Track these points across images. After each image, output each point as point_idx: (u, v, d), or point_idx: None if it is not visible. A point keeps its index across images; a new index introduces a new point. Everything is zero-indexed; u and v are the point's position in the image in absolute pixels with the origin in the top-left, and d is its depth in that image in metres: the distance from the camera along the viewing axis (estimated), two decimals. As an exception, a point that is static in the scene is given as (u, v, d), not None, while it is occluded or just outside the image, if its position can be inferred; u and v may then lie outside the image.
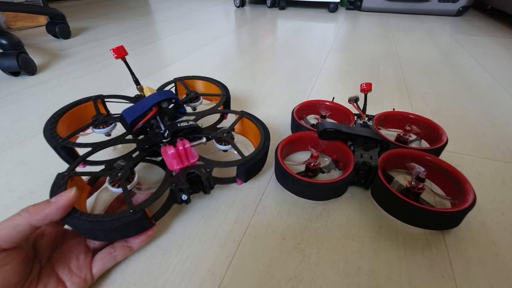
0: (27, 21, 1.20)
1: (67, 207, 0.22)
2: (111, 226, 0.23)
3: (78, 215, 0.23)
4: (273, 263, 0.27)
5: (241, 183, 0.33)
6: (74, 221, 0.22)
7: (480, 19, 1.37)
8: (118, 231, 0.24)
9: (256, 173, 0.35)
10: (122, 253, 0.26)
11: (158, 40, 1.04)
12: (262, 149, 0.33)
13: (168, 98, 0.30)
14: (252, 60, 0.82)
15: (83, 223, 0.22)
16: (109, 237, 0.25)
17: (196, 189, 0.31)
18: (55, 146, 0.30)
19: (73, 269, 0.23)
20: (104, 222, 0.23)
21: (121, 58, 0.37)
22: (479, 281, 0.26)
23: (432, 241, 0.29)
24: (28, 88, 0.64)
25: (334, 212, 0.33)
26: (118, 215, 0.23)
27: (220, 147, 0.34)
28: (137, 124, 0.29)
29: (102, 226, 0.22)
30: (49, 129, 0.31)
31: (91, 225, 0.22)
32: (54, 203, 0.22)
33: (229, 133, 0.35)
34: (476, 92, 0.62)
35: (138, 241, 0.27)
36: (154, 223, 0.27)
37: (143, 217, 0.24)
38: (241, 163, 0.31)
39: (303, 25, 1.25)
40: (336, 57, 0.85)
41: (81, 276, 0.23)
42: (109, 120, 0.35)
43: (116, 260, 0.26)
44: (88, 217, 0.23)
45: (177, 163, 0.29)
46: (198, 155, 0.30)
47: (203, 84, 0.48)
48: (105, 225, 0.23)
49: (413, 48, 0.94)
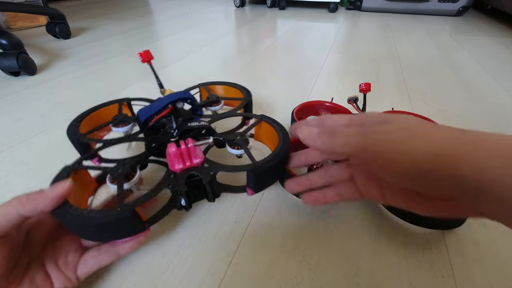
0: (27, 21, 1.20)
1: (59, 198, 0.21)
2: (94, 223, 0.21)
3: (67, 207, 0.21)
4: (273, 263, 0.27)
5: (251, 193, 0.29)
6: (61, 214, 0.21)
7: (480, 19, 1.37)
8: (102, 229, 0.22)
9: (269, 183, 0.30)
10: (106, 258, 0.24)
11: (158, 40, 1.04)
12: (277, 155, 0.28)
13: (183, 97, 0.29)
14: (252, 60, 0.82)
15: (68, 216, 0.21)
16: (95, 236, 0.23)
17: (198, 195, 0.29)
18: (73, 140, 0.31)
19: (60, 266, 0.23)
20: (88, 218, 0.21)
21: (147, 62, 0.37)
22: (479, 281, 0.26)
23: (432, 241, 0.29)
24: (28, 88, 0.64)
25: (334, 212, 0.33)
26: (104, 212, 0.22)
27: (232, 151, 0.30)
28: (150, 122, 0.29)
29: (85, 222, 0.21)
30: (73, 126, 0.32)
31: (75, 219, 0.21)
32: (46, 193, 0.21)
33: (243, 136, 0.31)
34: (476, 92, 0.62)
35: (126, 246, 0.25)
36: (147, 227, 0.25)
37: (131, 217, 0.22)
38: (251, 168, 0.26)
39: (303, 25, 1.25)
40: (336, 57, 0.85)
41: (65, 274, 0.22)
42: (128, 120, 0.35)
43: (100, 264, 0.24)
44: (75, 211, 0.21)
45: (178, 162, 0.27)
46: (203, 157, 0.28)
47: (226, 89, 0.45)
48: (89, 221, 0.21)
49: (413, 48, 0.94)
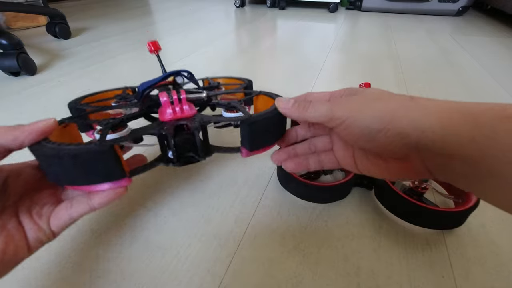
0: (27, 21, 1.20)
1: (41, 133, 0.20)
2: (68, 154, 0.19)
3: (45, 142, 0.20)
4: (273, 263, 0.27)
5: (246, 154, 0.26)
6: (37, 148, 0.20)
7: (480, 19, 1.37)
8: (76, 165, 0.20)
9: (266, 143, 0.27)
10: (78, 209, 0.22)
11: (158, 40, 1.03)
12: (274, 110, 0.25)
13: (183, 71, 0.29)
14: (252, 60, 0.82)
15: (44, 149, 0.20)
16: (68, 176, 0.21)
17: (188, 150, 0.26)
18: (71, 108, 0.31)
19: (33, 216, 0.22)
20: (63, 150, 0.19)
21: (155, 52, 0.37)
22: (479, 281, 0.26)
23: (432, 241, 0.29)
24: (28, 88, 0.64)
25: (334, 212, 0.33)
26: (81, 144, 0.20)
27: (228, 114, 0.29)
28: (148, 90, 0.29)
29: (59, 153, 0.19)
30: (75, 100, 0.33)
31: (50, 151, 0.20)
32: (27, 126, 0.20)
33: (240, 101, 0.30)
34: (476, 92, 0.62)
35: (101, 196, 0.22)
36: (126, 175, 0.22)
37: (109, 154, 0.20)
38: (244, 118, 0.24)
39: (303, 25, 1.25)
40: (336, 57, 0.85)
41: (39, 224, 0.21)
42: (129, 97, 0.35)
43: (71, 216, 0.22)
44: (52, 145, 0.20)
45: (168, 112, 0.25)
46: (195, 111, 0.26)
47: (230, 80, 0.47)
48: (63, 153, 0.19)
49: (413, 48, 0.94)
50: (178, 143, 0.25)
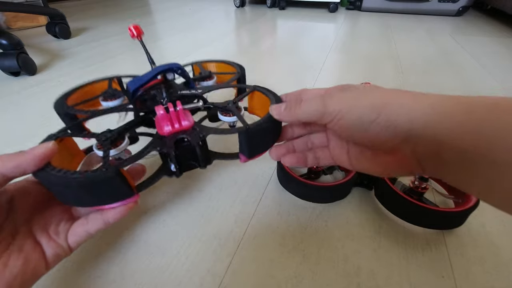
0: (27, 21, 1.20)
1: (42, 158, 0.20)
2: (76, 183, 0.20)
3: (49, 169, 0.20)
4: (273, 263, 0.27)
5: (245, 160, 0.27)
6: (43, 175, 0.20)
7: (480, 19, 1.37)
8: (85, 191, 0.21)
9: (263, 148, 0.28)
10: (94, 226, 0.23)
11: (158, 40, 1.04)
12: (270, 117, 0.25)
13: (173, 68, 0.29)
14: (252, 60, 0.82)
15: (50, 178, 0.20)
16: (78, 200, 0.22)
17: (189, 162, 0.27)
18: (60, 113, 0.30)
19: (50, 234, 0.22)
20: (71, 178, 0.20)
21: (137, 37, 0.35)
22: (479, 281, 0.26)
23: (432, 241, 0.29)
24: (28, 88, 0.64)
25: (334, 212, 0.33)
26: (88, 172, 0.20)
27: (225, 118, 0.29)
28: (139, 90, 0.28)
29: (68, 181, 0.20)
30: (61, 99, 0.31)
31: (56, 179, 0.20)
32: (28, 152, 0.20)
33: (235, 103, 0.30)
34: (476, 92, 0.62)
35: (114, 212, 0.23)
36: (135, 192, 0.23)
37: (116, 178, 0.21)
38: (243, 130, 0.25)
39: (303, 25, 1.25)
40: (336, 57, 0.85)
41: (58, 242, 0.22)
42: (117, 94, 0.34)
43: (89, 232, 0.23)
44: (57, 172, 0.20)
45: (166, 125, 0.25)
46: (193, 121, 0.27)
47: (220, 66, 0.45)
48: (71, 181, 0.19)
49: (413, 48, 0.94)
50: (179, 157, 0.26)
